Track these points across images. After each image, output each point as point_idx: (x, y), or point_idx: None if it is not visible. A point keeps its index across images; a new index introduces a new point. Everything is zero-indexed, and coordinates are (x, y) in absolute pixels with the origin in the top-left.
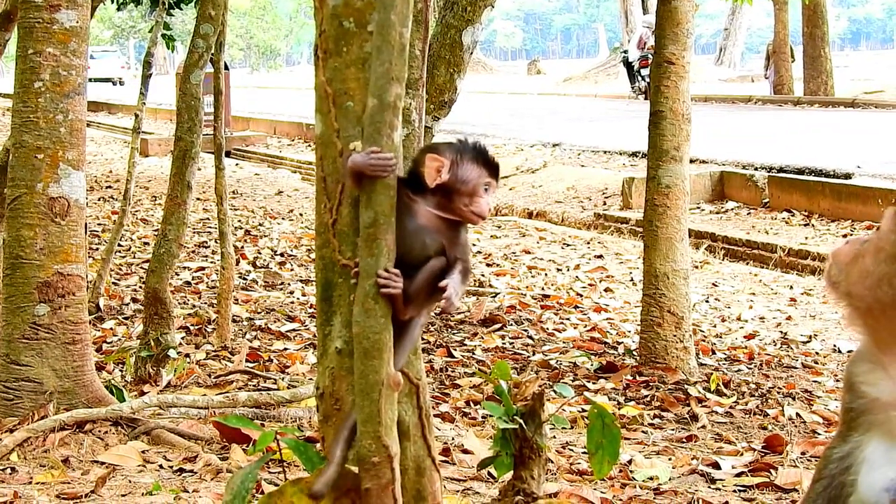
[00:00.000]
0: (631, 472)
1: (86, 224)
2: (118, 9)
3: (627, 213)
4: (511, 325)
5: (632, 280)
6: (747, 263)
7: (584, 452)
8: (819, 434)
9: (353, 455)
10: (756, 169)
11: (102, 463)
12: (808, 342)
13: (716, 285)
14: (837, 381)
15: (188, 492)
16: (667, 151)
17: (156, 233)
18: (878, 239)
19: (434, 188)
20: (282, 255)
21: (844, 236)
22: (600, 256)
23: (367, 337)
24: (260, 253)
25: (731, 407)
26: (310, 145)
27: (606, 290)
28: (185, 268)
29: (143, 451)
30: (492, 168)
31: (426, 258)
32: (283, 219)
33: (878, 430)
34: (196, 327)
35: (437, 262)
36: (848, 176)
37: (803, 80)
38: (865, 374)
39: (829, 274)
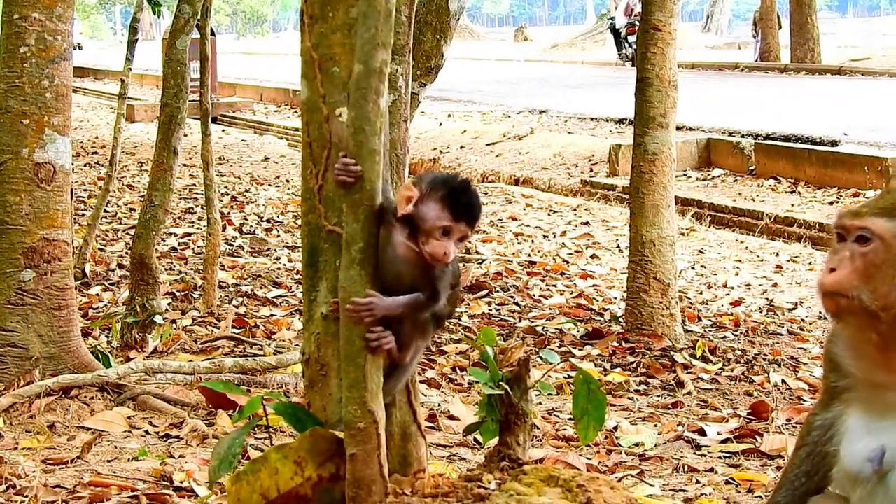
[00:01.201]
0: (617, 438)
1: (72, 190)
2: None
3: (614, 179)
4: (497, 291)
5: (618, 247)
6: (733, 230)
7: (569, 419)
8: (804, 401)
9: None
10: (742, 136)
11: (88, 428)
12: (793, 309)
13: (702, 252)
14: (822, 347)
15: (174, 457)
16: (653, 118)
17: (142, 199)
18: (883, 246)
19: (405, 218)
20: (268, 221)
21: (831, 203)
22: (587, 223)
23: (352, 302)
24: (246, 219)
25: (716, 374)
26: (296, 111)
27: (593, 256)
28: (171, 234)
29: (129, 417)
30: (456, 212)
31: (405, 287)
32: (269, 185)
33: (859, 405)
34: (182, 293)
35: (422, 302)
36: (834, 143)
37: (790, 47)
38: (848, 356)
39: (836, 304)
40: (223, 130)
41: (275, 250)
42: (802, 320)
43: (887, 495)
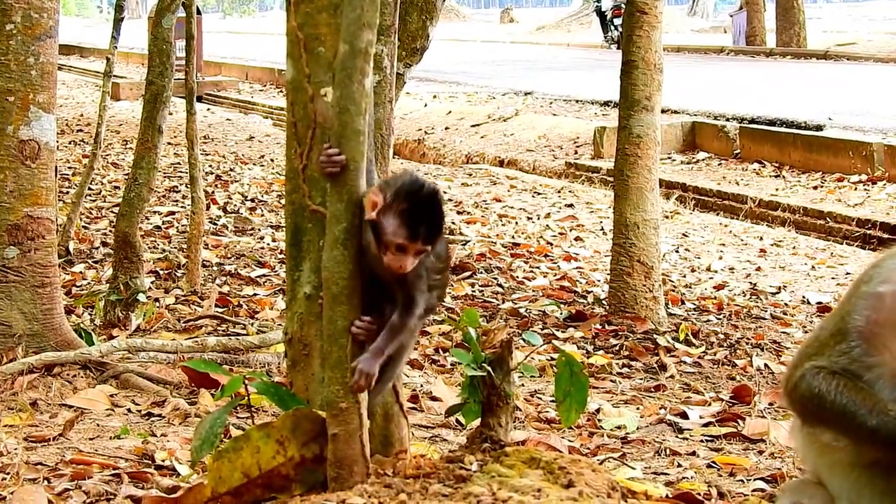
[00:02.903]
0: (599, 420)
1: (56, 167)
2: None
3: (598, 162)
4: (481, 272)
5: (602, 229)
6: (718, 214)
7: (552, 401)
8: None
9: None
10: (728, 120)
11: (71, 406)
12: (777, 293)
13: (686, 235)
14: (806, 331)
15: (156, 436)
16: (638, 101)
17: (126, 177)
18: None
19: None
20: (252, 200)
21: (815, 188)
22: (571, 205)
23: (335, 282)
24: (230, 198)
25: (699, 357)
26: (282, 91)
27: (577, 239)
28: (155, 212)
29: (111, 395)
30: (413, 232)
31: (388, 280)
32: (253, 164)
33: (879, 386)
34: (166, 272)
35: (398, 324)
36: (819, 128)
37: (776, 31)
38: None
39: None
40: (208, 109)
41: (258, 230)
42: (786, 304)
43: None
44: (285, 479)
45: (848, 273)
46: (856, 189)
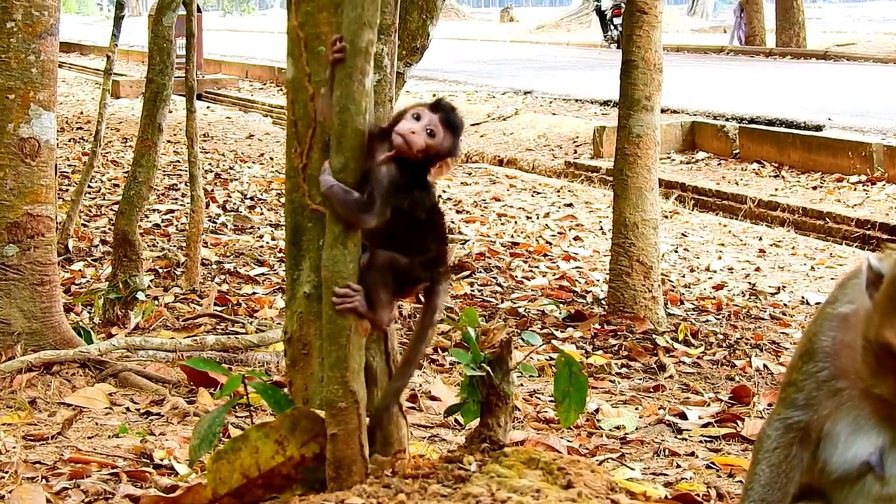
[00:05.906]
0: (598, 421)
1: (56, 165)
2: None
3: (598, 161)
4: (480, 272)
5: (601, 229)
6: (717, 214)
7: (551, 401)
8: None
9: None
10: (727, 120)
11: (69, 405)
12: (776, 293)
13: (685, 235)
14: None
15: (155, 435)
16: (638, 101)
17: (126, 175)
18: None
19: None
20: (252, 198)
21: (814, 188)
22: (570, 205)
23: (335, 282)
24: (230, 196)
25: (698, 357)
26: (281, 89)
27: (576, 238)
28: (154, 210)
29: (110, 394)
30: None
31: None
32: (253, 162)
33: (850, 406)
34: (165, 270)
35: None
36: (818, 128)
37: (775, 31)
38: (844, 353)
39: None
40: (208, 107)
41: (258, 228)
42: (785, 305)
43: (884, 495)
44: (286, 479)
45: None
46: (855, 189)
